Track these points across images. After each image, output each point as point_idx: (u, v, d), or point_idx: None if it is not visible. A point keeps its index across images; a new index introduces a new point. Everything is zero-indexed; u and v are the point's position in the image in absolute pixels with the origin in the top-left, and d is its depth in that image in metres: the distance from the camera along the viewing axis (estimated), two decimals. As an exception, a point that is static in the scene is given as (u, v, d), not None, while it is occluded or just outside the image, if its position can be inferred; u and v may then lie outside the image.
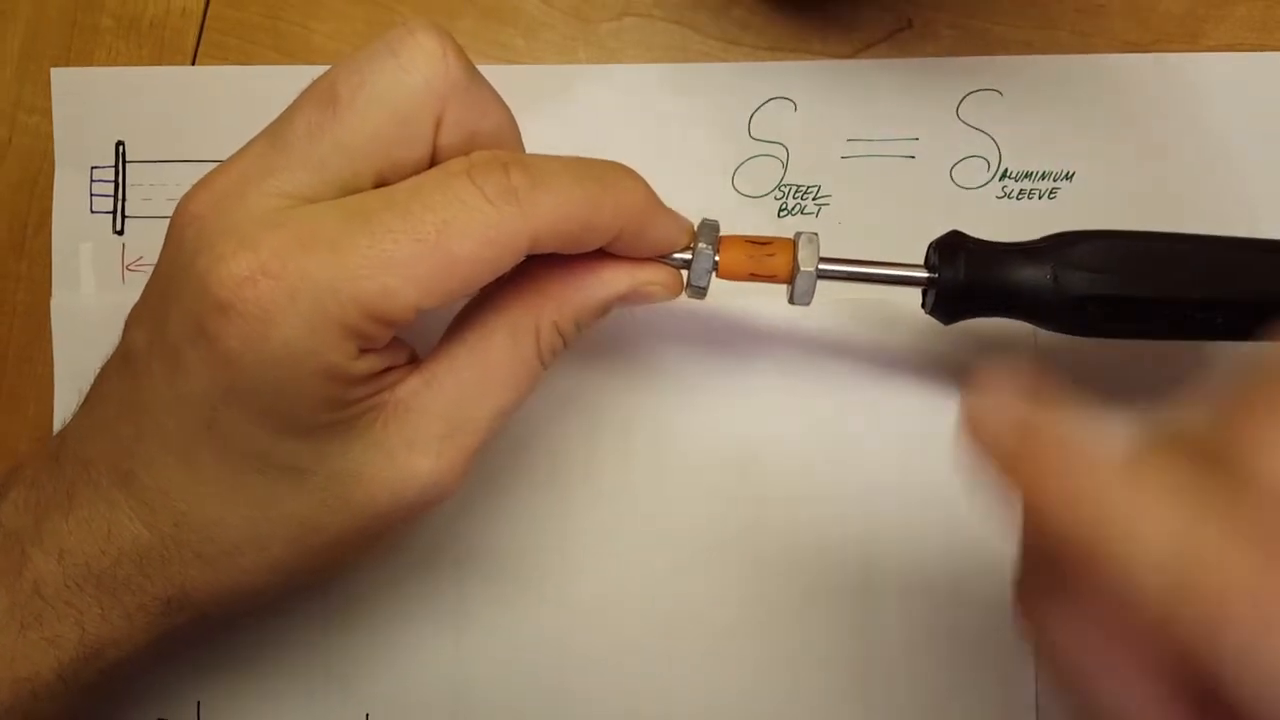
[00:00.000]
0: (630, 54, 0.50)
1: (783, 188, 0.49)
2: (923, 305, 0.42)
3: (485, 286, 0.37)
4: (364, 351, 0.34)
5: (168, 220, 0.49)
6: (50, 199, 0.50)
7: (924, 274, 0.41)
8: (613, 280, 0.38)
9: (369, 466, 0.36)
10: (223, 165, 0.36)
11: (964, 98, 0.48)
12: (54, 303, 0.50)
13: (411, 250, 0.32)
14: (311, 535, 0.37)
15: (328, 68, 0.48)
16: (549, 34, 0.50)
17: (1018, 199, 0.48)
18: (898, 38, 0.49)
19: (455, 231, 0.33)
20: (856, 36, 0.49)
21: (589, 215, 0.35)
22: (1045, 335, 0.42)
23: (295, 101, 0.36)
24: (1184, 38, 0.49)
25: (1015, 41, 0.49)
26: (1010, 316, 0.41)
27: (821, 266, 0.40)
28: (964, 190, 0.48)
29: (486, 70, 0.49)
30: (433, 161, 0.36)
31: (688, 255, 0.39)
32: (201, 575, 0.37)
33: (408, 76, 0.34)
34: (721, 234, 0.40)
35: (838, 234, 0.48)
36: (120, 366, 0.38)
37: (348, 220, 0.33)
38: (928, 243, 0.42)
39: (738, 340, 0.48)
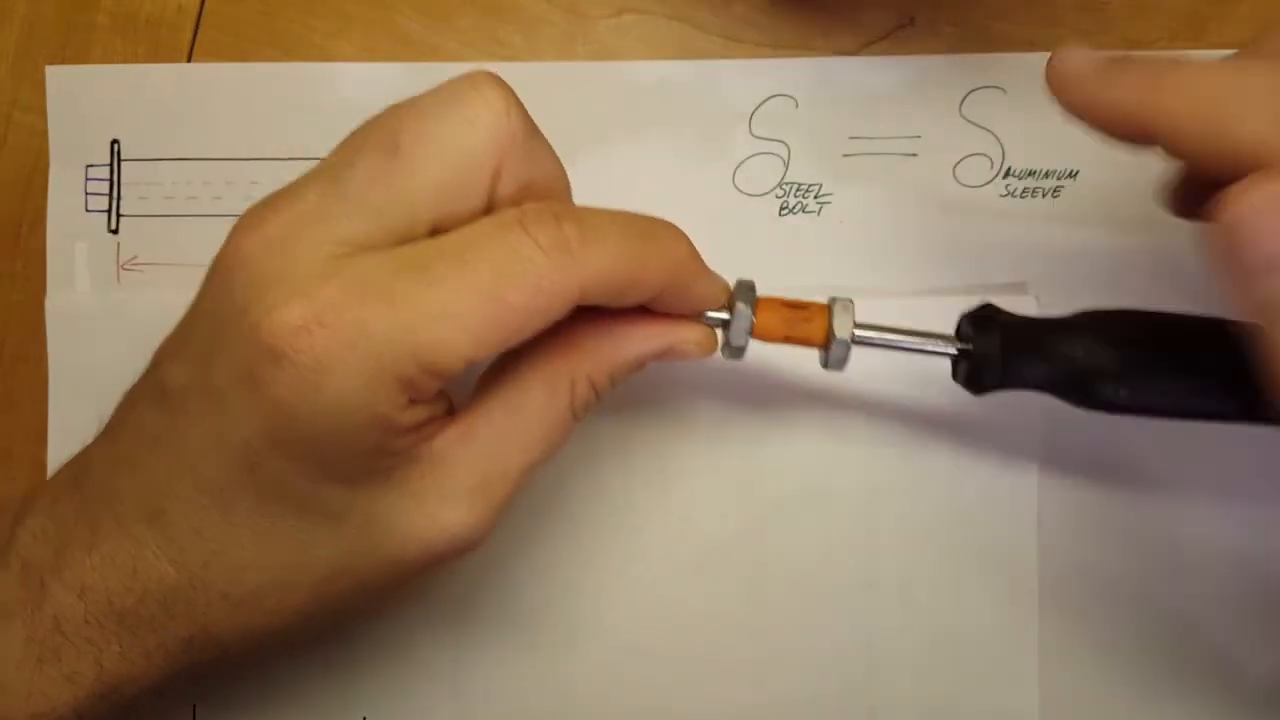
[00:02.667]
0: (630, 51, 0.49)
1: (784, 186, 0.48)
2: (953, 376, 0.42)
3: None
4: (412, 402, 0.34)
5: (164, 219, 0.49)
6: (46, 197, 0.50)
7: (956, 347, 0.40)
8: (650, 337, 0.38)
9: (402, 516, 0.36)
10: (275, 204, 0.35)
11: (967, 95, 0.48)
12: (49, 302, 0.49)
13: (467, 301, 0.32)
14: (339, 580, 0.37)
15: (328, 67, 0.49)
16: (548, 31, 0.50)
17: (1021, 197, 0.48)
18: (900, 35, 0.49)
19: (510, 282, 0.33)
20: (858, 33, 0.49)
21: (636, 270, 0.35)
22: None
23: (354, 144, 0.35)
24: (1187, 35, 0.48)
25: (1018, 39, 0.49)
26: (1040, 391, 0.40)
27: (856, 334, 0.39)
28: (967, 188, 0.48)
29: (486, 67, 0.49)
30: (488, 210, 0.36)
31: (724, 315, 0.39)
32: (226, 616, 0.37)
33: (471, 130, 0.34)
34: (758, 295, 0.39)
35: (839, 232, 0.48)
36: (154, 401, 0.37)
37: (404, 271, 0.33)
38: (931, 242, 0.42)
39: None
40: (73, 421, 0.49)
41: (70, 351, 0.49)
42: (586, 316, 0.37)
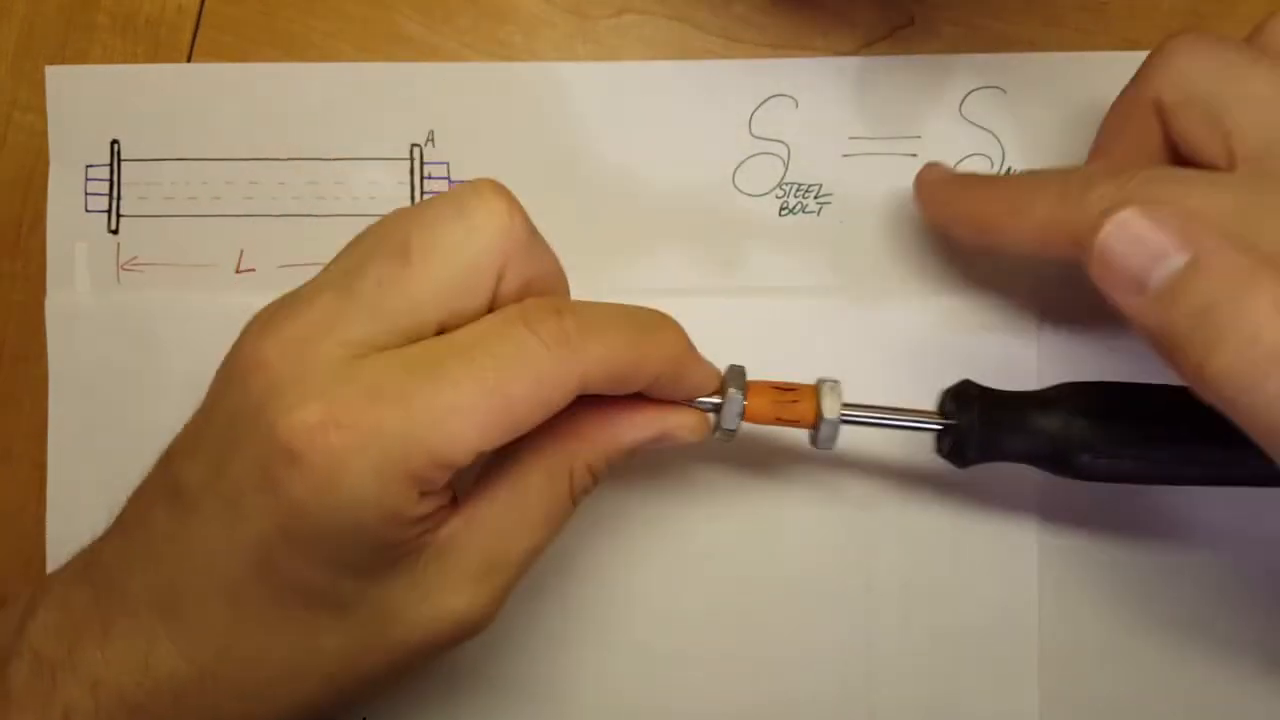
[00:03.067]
0: (630, 51, 0.49)
1: (784, 186, 0.48)
2: (938, 450, 0.43)
3: None
4: (423, 495, 0.35)
5: (164, 220, 0.48)
6: (46, 197, 0.50)
7: (940, 423, 0.42)
8: (645, 424, 0.39)
9: (408, 605, 0.37)
10: (290, 309, 0.36)
11: (967, 95, 0.48)
12: (48, 302, 0.49)
13: (473, 397, 0.33)
14: (346, 672, 0.37)
15: (326, 66, 0.49)
16: (548, 31, 0.50)
17: (1021, 196, 0.48)
18: (899, 35, 0.49)
19: (513, 375, 0.34)
20: (858, 33, 0.49)
21: (634, 360, 0.37)
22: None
23: (364, 249, 0.36)
24: (1188, 35, 0.48)
25: (1018, 38, 0.49)
26: (1020, 462, 0.42)
27: (844, 414, 0.41)
28: (967, 188, 0.48)
29: (486, 67, 0.49)
30: (491, 307, 0.37)
31: (716, 399, 0.40)
32: (236, 710, 0.37)
33: (477, 236, 0.36)
34: (749, 379, 0.41)
35: (839, 233, 0.48)
36: (167, 500, 0.37)
37: (415, 371, 0.34)
38: (931, 242, 0.42)
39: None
40: (73, 421, 0.49)
41: (70, 351, 0.49)
42: (585, 404, 0.38)
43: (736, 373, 0.41)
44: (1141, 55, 0.42)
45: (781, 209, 0.48)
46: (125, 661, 0.36)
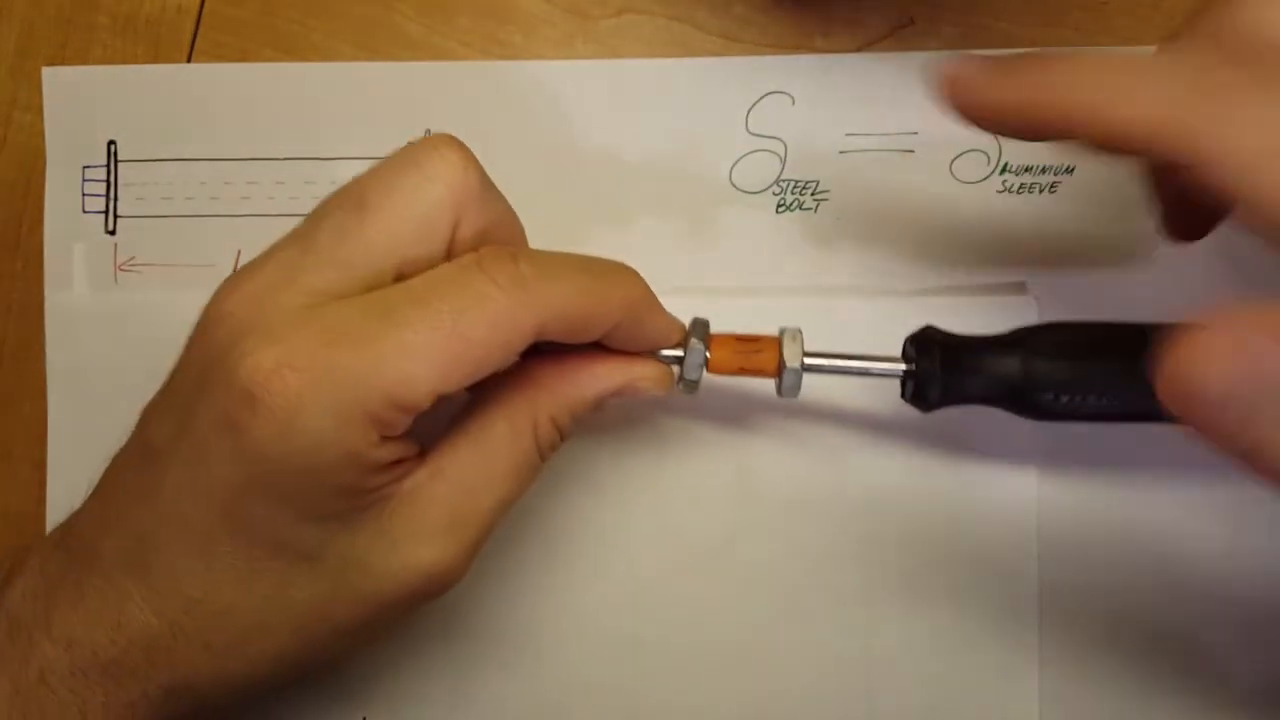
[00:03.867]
0: (630, 51, 0.49)
1: (781, 183, 0.48)
2: (902, 395, 0.43)
3: (486, 383, 0.38)
4: (384, 439, 0.35)
5: (161, 220, 0.49)
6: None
7: (902, 367, 0.42)
8: (607, 375, 0.40)
9: (376, 556, 0.37)
10: (252, 266, 0.37)
11: (964, 91, 0.48)
12: (47, 303, 0.49)
13: (429, 337, 0.34)
14: (318, 624, 0.38)
15: (326, 66, 0.49)
16: (548, 30, 0.50)
17: (1018, 193, 0.48)
18: (900, 34, 0.49)
19: (469, 318, 0.34)
20: (858, 33, 0.49)
21: (590, 305, 0.37)
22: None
23: (325, 206, 0.37)
24: (1189, 34, 0.48)
25: (1018, 38, 0.48)
26: (985, 405, 0.42)
27: (806, 362, 0.41)
28: (964, 184, 0.48)
29: (485, 66, 0.49)
30: (448, 256, 0.37)
31: (679, 352, 0.41)
32: (207, 664, 0.38)
33: (431, 184, 0.37)
34: (712, 331, 0.41)
35: (836, 229, 0.48)
36: (139, 460, 0.38)
37: (370, 314, 0.35)
38: (928, 238, 0.42)
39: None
40: (72, 421, 0.49)
41: (69, 352, 0.49)
42: (546, 356, 0.39)
43: (700, 324, 0.41)
44: (1141, 50, 0.42)
45: (779, 206, 0.48)
46: (98, 620, 0.37)
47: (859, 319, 0.48)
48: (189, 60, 0.50)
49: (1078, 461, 0.48)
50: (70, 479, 0.49)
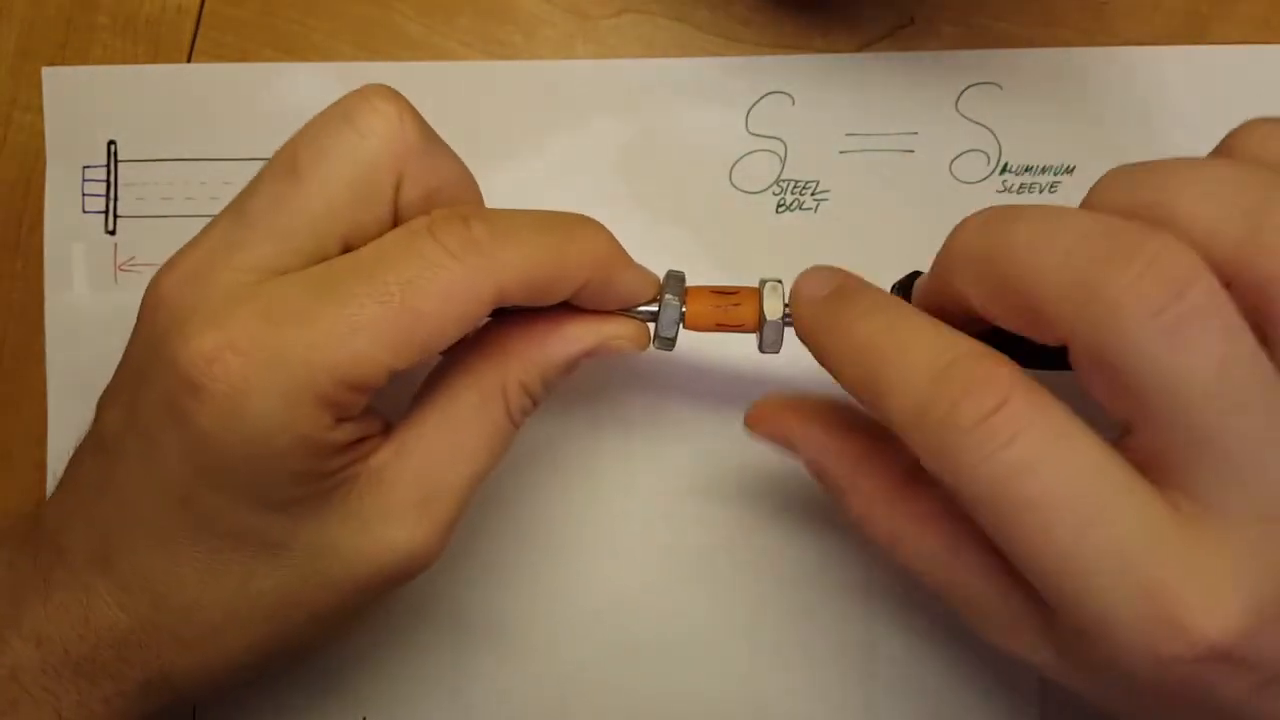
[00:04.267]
0: (630, 51, 0.49)
1: (781, 183, 0.48)
2: None
3: (452, 349, 0.37)
4: (339, 421, 0.34)
5: (161, 220, 0.49)
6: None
7: None
8: (577, 335, 0.38)
9: (345, 539, 0.36)
10: (189, 244, 0.36)
11: (963, 91, 0.48)
12: (47, 303, 0.49)
13: (377, 312, 0.33)
14: (291, 611, 0.37)
15: (326, 66, 0.49)
16: (548, 30, 0.50)
17: (1018, 192, 0.48)
18: (900, 35, 0.49)
19: (419, 289, 0.33)
20: (858, 33, 0.49)
21: (553, 266, 0.35)
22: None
23: (260, 174, 0.36)
24: (1188, 35, 0.48)
25: (1018, 38, 0.48)
26: None
27: (787, 314, 0.39)
28: (964, 184, 0.48)
29: (485, 66, 0.49)
30: (395, 221, 0.36)
31: (654, 307, 0.39)
32: (181, 658, 0.37)
33: (365, 141, 0.35)
34: (688, 285, 0.40)
35: (836, 230, 0.48)
36: (94, 451, 0.38)
37: (313, 290, 0.33)
38: (927, 238, 0.41)
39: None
40: (72, 422, 0.49)
41: (69, 352, 0.49)
42: (513, 320, 0.38)
43: (675, 278, 0.40)
44: (1140, 50, 0.42)
45: (779, 206, 0.48)
46: (66, 616, 0.36)
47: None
48: (189, 60, 0.50)
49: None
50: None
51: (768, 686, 0.48)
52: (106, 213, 0.49)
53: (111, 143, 0.49)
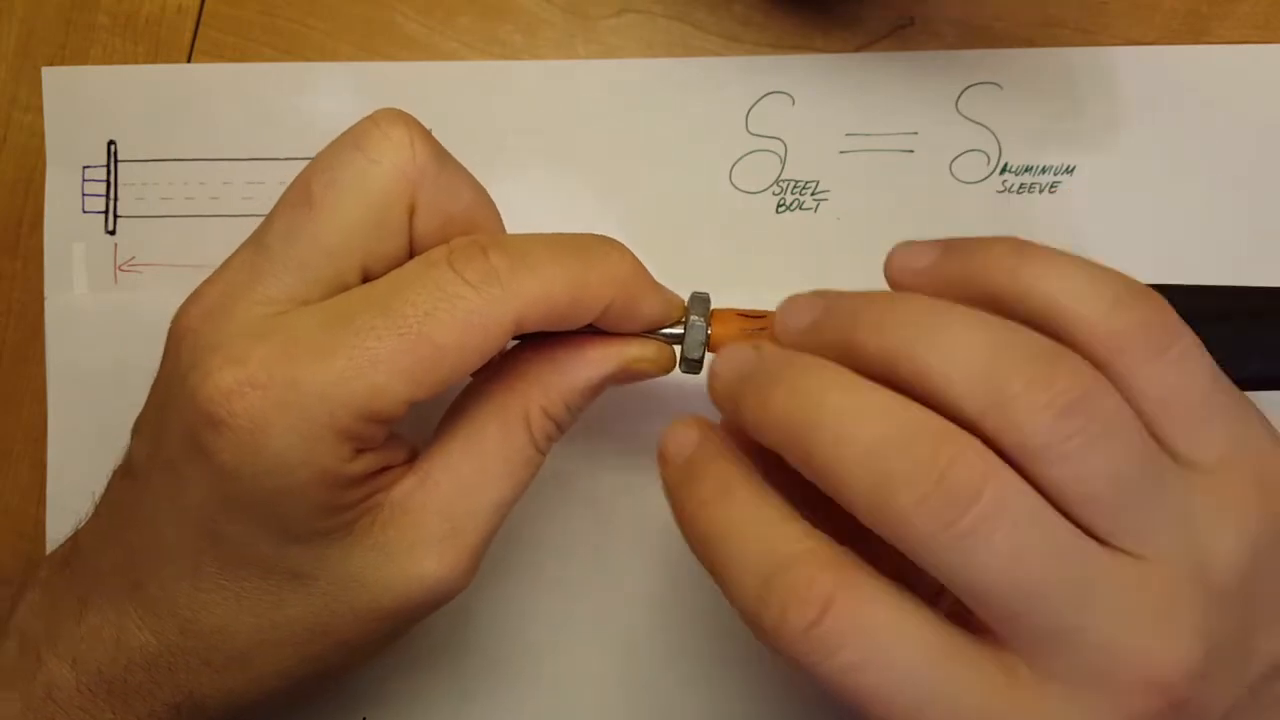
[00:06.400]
0: (630, 51, 0.49)
1: (781, 183, 0.48)
2: None
3: (475, 375, 0.37)
4: (360, 452, 0.34)
5: (161, 220, 0.49)
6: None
7: None
8: (600, 360, 0.38)
9: (371, 571, 0.36)
10: (211, 276, 0.36)
11: (963, 91, 0.48)
12: (47, 303, 0.49)
13: (395, 345, 0.32)
14: (319, 641, 0.37)
15: (326, 66, 0.49)
16: (548, 31, 0.49)
17: (1018, 192, 0.48)
18: (900, 35, 0.49)
19: (437, 321, 0.33)
20: (858, 33, 0.49)
21: (574, 292, 0.35)
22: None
23: (277, 205, 0.36)
24: (1188, 35, 0.48)
25: (1018, 38, 0.48)
26: None
27: None
28: (964, 184, 0.48)
29: (485, 66, 0.49)
30: (412, 250, 0.36)
31: (679, 330, 0.39)
32: (210, 683, 0.37)
33: (376, 168, 0.35)
34: (713, 306, 0.39)
35: (836, 230, 0.48)
36: (124, 476, 0.38)
37: (331, 323, 0.33)
38: (927, 238, 0.41)
39: None
40: (72, 422, 0.49)
41: (69, 352, 0.49)
42: (536, 345, 0.37)
43: (700, 299, 0.39)
44: (1140, 50, 0.42)
45: (779, 206, 0.48)
46: (99, 637, 0.36)
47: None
48: (189, 60, 0.50)
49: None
50: (70, 479, 0.49)
51: (766, 686, 0.48)
52: (106, 213, 0.49)
53: (111, 143, 0.49)
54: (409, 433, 0.37)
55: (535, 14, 0.50)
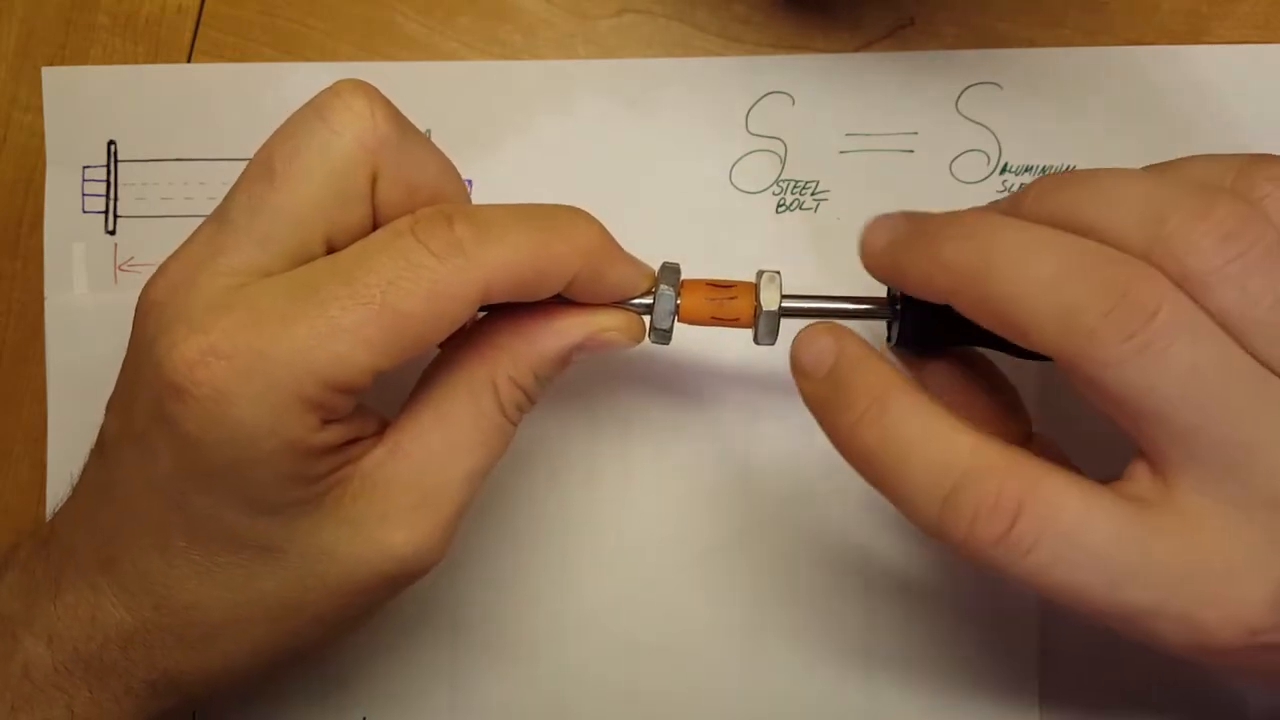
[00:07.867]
0: (630, 51, 0.49)
1: (781, 183, 0.48)
2: (888, 340, 0.41)
3: (444, 345, 0.37)
4: (327, 423, 0.34)
5: (161, 220, 0.49)
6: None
7: (885, 308, 0.40)
8: (568, 329, 0.38)
9: (342, 543, 0.36)
10: (176, 251, 0.36)
11: (963, 91, 0.48)
12: (47, 303, 0.49)
13: (359, 314, 0.33)
14: (292, 615, 0.37)
15: (326, 66, 0.49)
16: (548, 31, 0.49)
17: (1018, 193, 0.48)
18: (900, 35, 0.49)
19: (402, 290, 0.33)
20: (858, 34, 0.49)
21: (540, 261, 0.35)
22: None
23: (240, 178, 0.36)
24: (1188, 35, 0.48)
25: (1018, 38, 0.48)
26: (975, 345, 0.40)
27: (785, 305, 0.39)
28: (964, 184, 0.48)
29: (485, 66, 0.49)
30: (378, 221, 0.36)
31: (649, 300, 0.39)
32: (185, 659, 0.37)
33: (337, 138, 0.35)
34: (683, 277, 0.39)
35: (836, 229, 0.48)
36: (98, 454, 0.38)
37: (294, 293, 0.33)
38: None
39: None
40: (72, 422, 0.50)
41: (69, 352, 0.50)
42: (504, 314, 0.37)
43: (670, 269, 0.39)
44: (1140, 49, 0.42)
45: (779, 206, 0.48)
46: (75, 615, 0.37)
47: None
48: (189, 60, 0.50)
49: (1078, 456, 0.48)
50: (70, 479, 0.49)
51: (766, 686, 0.48)
52: (106, 213, 0.49)
53: (111, 143, 0.49)
54: (380, 405, 0.37)
55: (535, 14, 0.50)
